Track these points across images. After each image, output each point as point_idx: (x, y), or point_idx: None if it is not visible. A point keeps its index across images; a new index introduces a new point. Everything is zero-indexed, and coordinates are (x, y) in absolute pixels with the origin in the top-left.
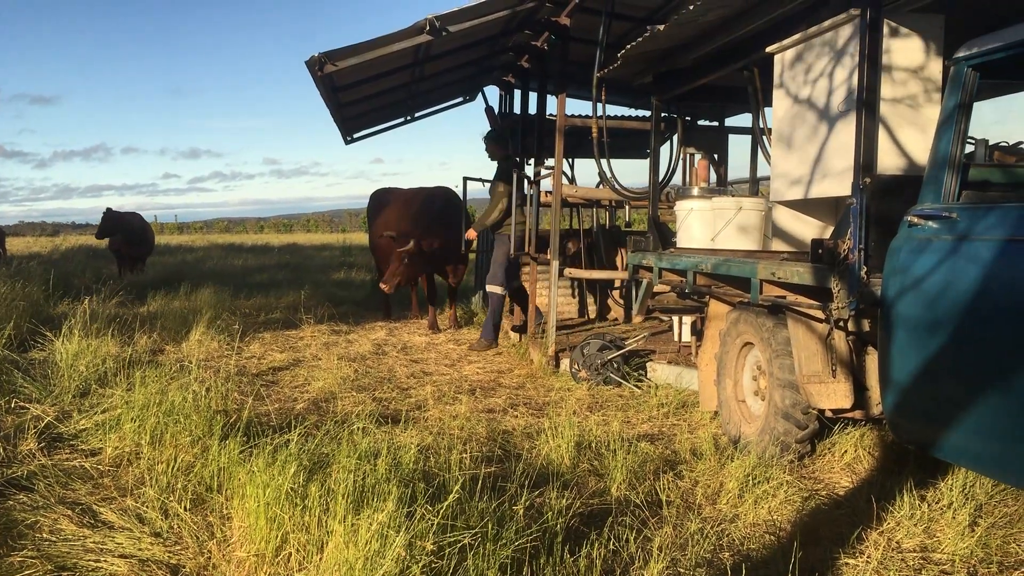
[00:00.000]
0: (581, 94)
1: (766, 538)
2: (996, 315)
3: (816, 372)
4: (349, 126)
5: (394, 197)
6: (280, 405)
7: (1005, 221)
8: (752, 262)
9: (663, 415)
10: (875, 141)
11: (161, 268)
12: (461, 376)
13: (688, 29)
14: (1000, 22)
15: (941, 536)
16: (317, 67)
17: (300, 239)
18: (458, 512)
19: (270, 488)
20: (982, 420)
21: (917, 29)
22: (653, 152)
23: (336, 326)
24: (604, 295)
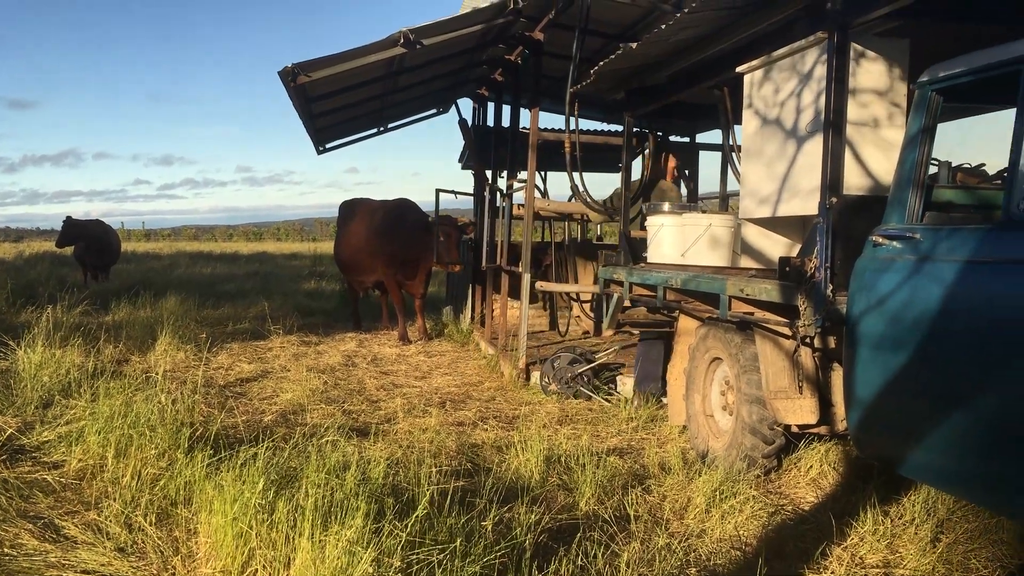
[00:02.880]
0: (555, 108)
1: (732, 553)
2: (955, 335)
3: (783, 388)
4: (322, 136)
5: (362, 209)
6: (248, 417)
7: (966, 243)
8: (721, 278)
9: (632, 429)
10: (842, 161)
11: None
12: (431, 388)
13: (660, 47)
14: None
15: (904, 552)
16: (290, 78)
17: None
18: (427, 528)
19: (237, 503)
20: (942, 437)
21: (883, 53)
22: (625, 168)
23: (306, 337)
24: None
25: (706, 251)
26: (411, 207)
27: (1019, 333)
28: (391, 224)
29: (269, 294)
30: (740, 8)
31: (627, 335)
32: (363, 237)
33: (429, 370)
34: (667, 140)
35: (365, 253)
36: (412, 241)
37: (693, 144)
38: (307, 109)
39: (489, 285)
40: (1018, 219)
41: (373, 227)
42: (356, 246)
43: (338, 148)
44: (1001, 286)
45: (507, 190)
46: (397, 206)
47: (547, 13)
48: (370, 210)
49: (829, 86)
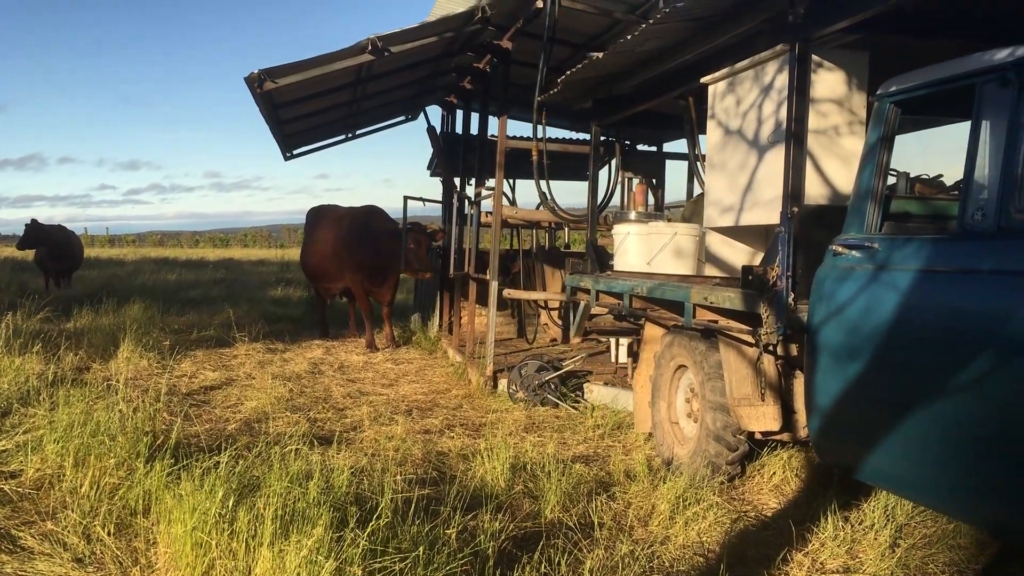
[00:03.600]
0: (523, 116)
1: (695, 560)
2: (911, 343)
3: (746, 395)
4: (289, 142)
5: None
6: (211, 426)
7: (921, 252)
8: (686, 287)
9: (599, 436)
10: (803, 172)
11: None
12: (399, 396)
13: (626, 58)
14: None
15: (863, 557)
16: (256, 84)
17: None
18: (390, 536)
19: (197, 512)
20: (898, 444)
21: (842, 65)
22: (592, 176)
23: (272, 344)
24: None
25: (671, 260)
26: (379, 214)
27: (970, 342)
28: (358, 231)
29: (235, 301)
30: (704, 20)
31: (595, 342)
32: (330, 244)
33: (396, 378)
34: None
35: (332, 260)
36: (380, 248)
37: (660, 153)
38: (274, 115)
39: (457, 293)
40: (972, 230)
41: (340, 234)
42: (323, 253)
43: (306, 154)
44: (954, 296)
45: (475, 198)
46: (364, 213)
47: (515, 22)
48: (337, 217)
49: (790, 97)
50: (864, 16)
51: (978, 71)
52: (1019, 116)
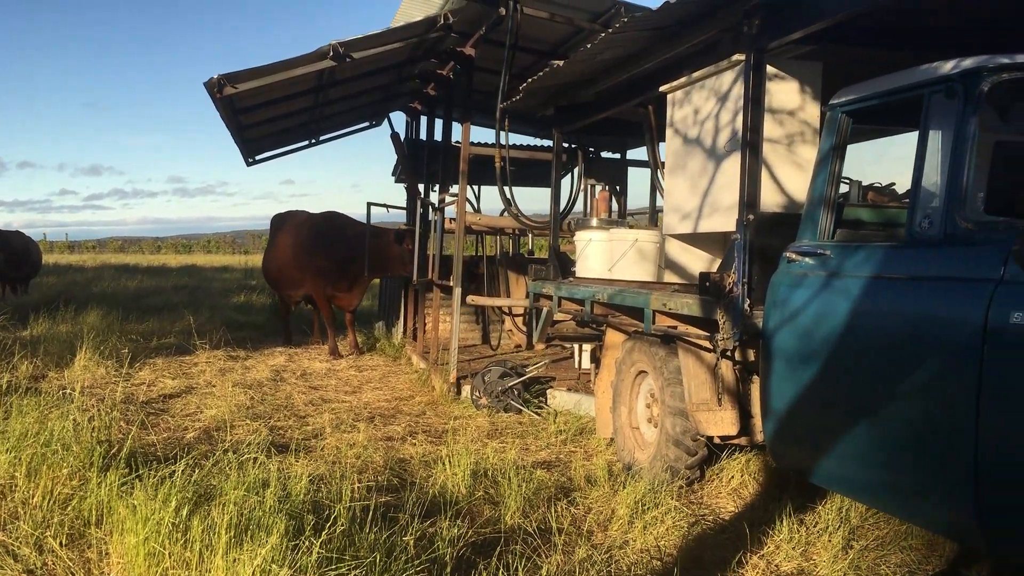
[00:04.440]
0: (487, 122)
1: (653, 563)
2: (861, 348)
3: (705, 400)
4: (251, 148)
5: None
6: (169, 434)
7: (871, 259)
8: (645, 293)
9: (561, 442)
10: (758, 179)
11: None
12: (361, 403)
13: (586, 66)
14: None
15: (817, 559)
16: (216, 89)
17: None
18: (347, 544)
19: (150, 522)
20: (849, 448)
21: (797, 75)
22: (554, 183)
23: (233, 351)
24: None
25: (632, 266)
26: (340, 219)
27: (915, 348)
28: (318, 237)
29: (197, 308)
30: (663, 30)
31: (559, 348)
32: (290, 250)
33: (359, 385)
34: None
35: (292, 267)
36: (342, 254)
37: (623, 160)
38: (235, 120)
39: (421, 299)
40: (919, 237)
41: (300, 240)
42: (283, 259)
43: (269, 160)
44: (902, 302)
45: (439, 204)
46: (325, 219)
47: (478, 29)
48: (297, 223)
49: (746, 107)
50: (816, 27)
51: (926, 82)
52: (964, 126)
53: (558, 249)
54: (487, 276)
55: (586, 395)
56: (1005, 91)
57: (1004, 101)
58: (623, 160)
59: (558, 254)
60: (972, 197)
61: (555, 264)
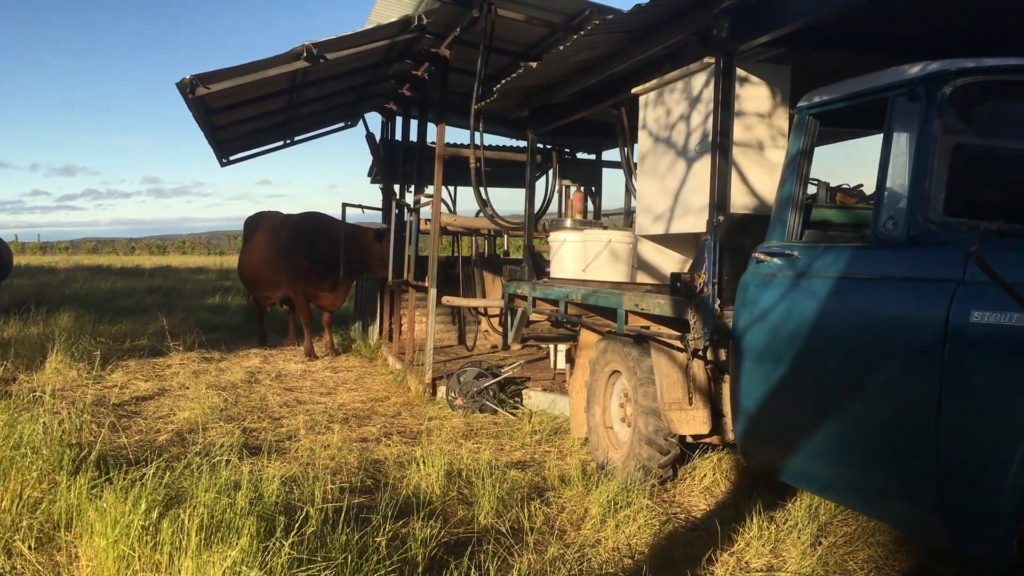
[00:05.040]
0: (464, 123)
1: (625, 562)
2: (827, 348)
3: (677, 400)
4: (225, 148)
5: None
6: (141, 437)
7: (837, 260)
8: (618, 293)
9: (536, 442)
10: (728, 181)
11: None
12: (336, 404)
13: (560, 68)
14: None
15: (786, 555)
16: (188, 89)
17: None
18: (319, 545)
19: (119, 525)
20: (817, 446)
21: (766, 78)
22: (528, 184)
23: (207, 353)
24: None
25: (606, 266)
26: (320, 220)
27: (879, 348)
28: (296, 238)
29: (171, 309)
30: (633, 33)
31: (535, 349)
32: (266, 251)
33: (335, 386)
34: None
35: (269, 268)
36: (321, 255)
37: (598, 161)
38: (207, 121)
39: (397, 299)
40: (884, 238)
41: (281, 241)
42: (259, 261)
43: (243, 160)
44: (867, 302)
45: (414, 205)
46: (304, 219)
47: (452, 30)
48: (274, 224)
49: (716, 109)
50: (784, 31)
51: (890, 85)
52: (927, 129)
53: (532, 250)
54: (463, 277)
55: (561, 395)
56: (968, 94)
57: (967, 104)
58: (598, 161)
59: (532, 255)
60: (935, 199)
61: (530, 265)
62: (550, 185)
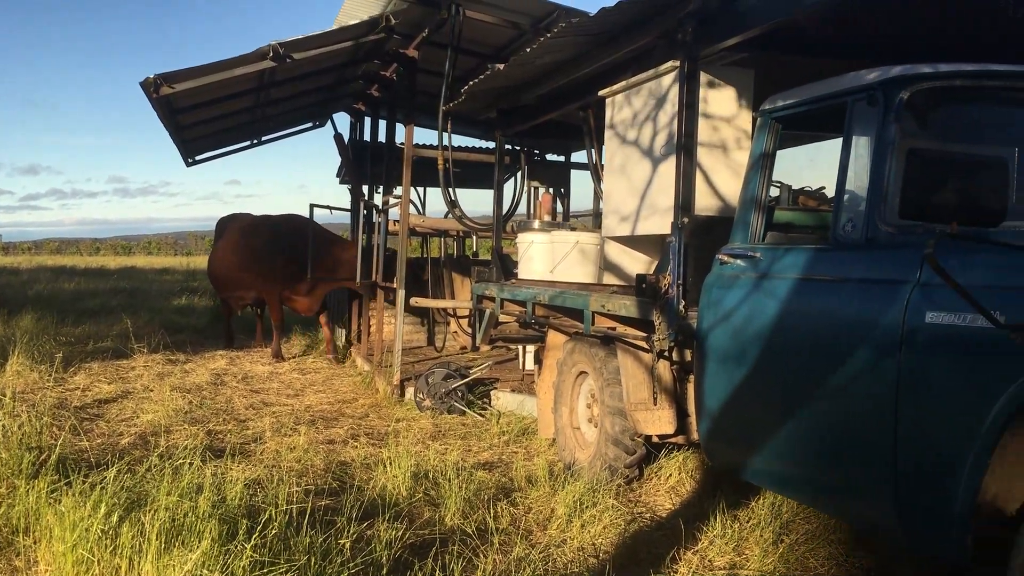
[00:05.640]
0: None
1: (589, 561)
2: (788, 348)
3: (643, 400)
4: (190, 148)
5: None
6: (104, 440)
7: (798, 261)
8: (585, 294)
9: (504, 443)
10: (693, 183)
11: None
12: (304, 406)
13: (527, 70)
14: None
15: (749, 553)
16: (152, 89)
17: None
18: (282, 548)
19: (78, 529)
20: (778, 445)
21: (730, 82)
22: (497, 185)
23: (172, 355)
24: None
25: (574, 268)
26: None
27: (838, 348)
28: (279, 240)
29: (135, 311)
30: (600, 36)
31: (504, 350)
32: (246, 253)
33: (302, 388)
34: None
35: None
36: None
37: (566, 163)
38: (172, 121)
39: (365, 301)
40: (843, 240)
41: (258, 243)
42: (235, 262)
43: (210, 160)
44: (826, 303)
45: (383, 206)
46: (286, 221)
47: (420, 31)
48: (253, 225)
49: (680, 112)
50: (748, 35)
51: (849, 90)
52: (885, 133)
53: (501, 251)
54: (432, 278)
55: (529, 396)
56: (924, 99)
57: (923, 109)
58: (567, 163)
59: (501, 256)
60: (892, 202)
61: (498, 266)
62: (518, 186)
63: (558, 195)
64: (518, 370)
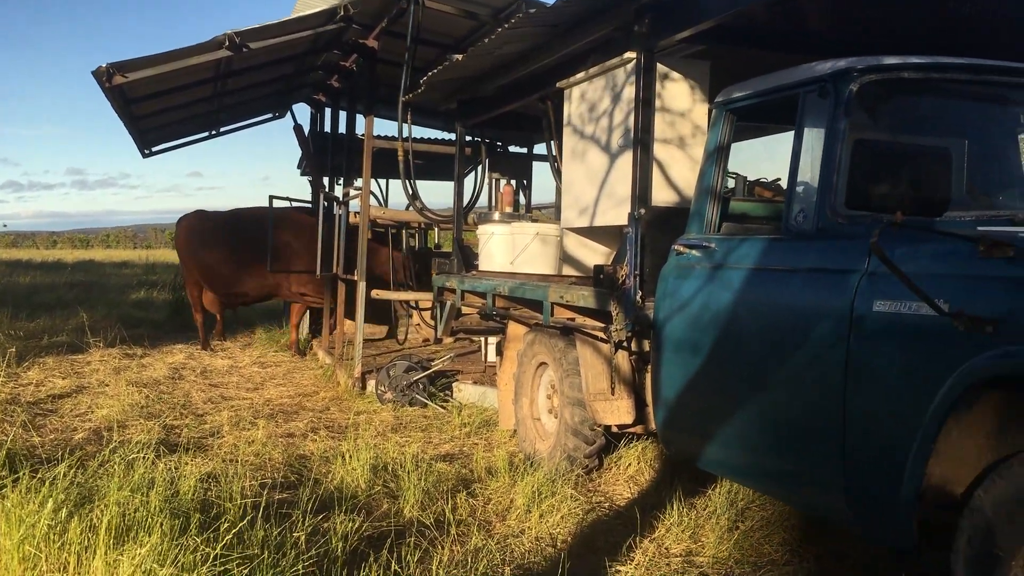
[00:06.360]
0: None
1: (547, 551)
2: (741, 337)
3: (602, 390)
4: (147, 139)
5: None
6: (57, 435)
7: (751, 252)
8: (544, 286)
9: (465, 435)
10: (650, 175)
11: None
12: (263, 400)
13: (486, 60)
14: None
15: (705, 540)
16: (105, 78)
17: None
18: (236, 542)
19: (25, 525)
20: (731, 433)
21: (686, 74)
22: (457, 177)
23: (129, 349)
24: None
25: (534, 259)
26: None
27: (788, 337)
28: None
29: (92, 305)
30: (558, 27)
31: (467, 342)
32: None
33: (262, 381)
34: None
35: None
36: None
37: (527, 155)
38: (127, 111)
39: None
40: (795, 231)
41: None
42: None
43: (167, 151)
44: (778, 293)
45: (343, 198)
46: (306, 215)
47: (380, 21)
48: (286, 218)
49: (637, 104)
50: (702, 27)
51: (801, 82)
52: (835, 124)
53: (461, 242)
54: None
55: (492, 388)
56: (874, 91)
57: (873, 100)
58: (529, 154)
59: (462, 248)
60: (842, 192)
61: (459, 258)
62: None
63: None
64: (481, 362)
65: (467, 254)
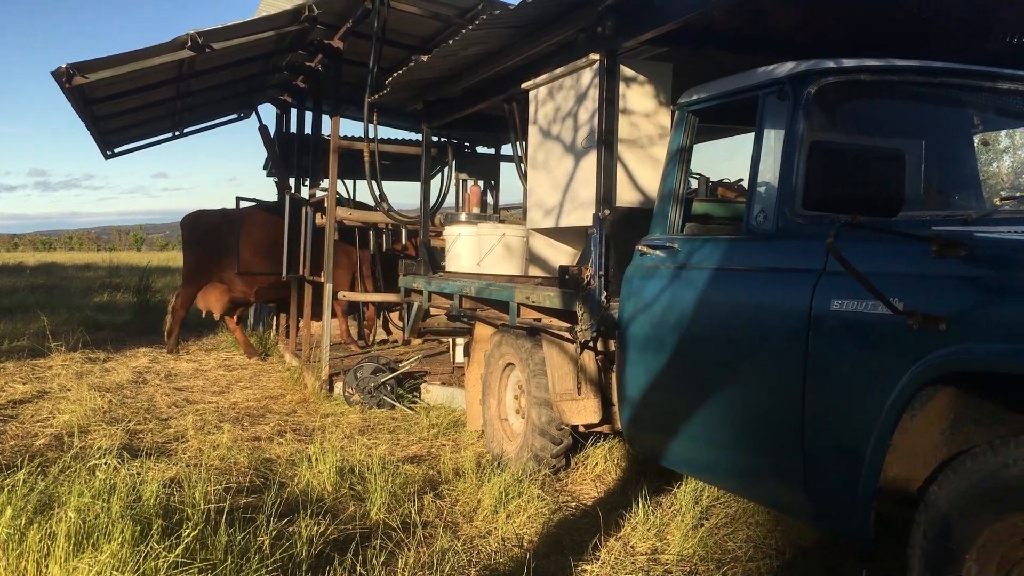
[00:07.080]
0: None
1: (513, 551)
2: (704, 337)
3: (568, 390)
4: (109, 140)
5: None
6: (17, 442)
7: (714, 252)
8: (510, 287)
9: (433, 436)
10: (614, 176)
11: None
12: (229, 403)
13: (451, 61)
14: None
15: (670, 538)
16: (64, 78)
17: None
18: (199, 547)
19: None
20: (695, 431)
21: (650, 76)
22: (424, 178)
23: (92, 353)
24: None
25: (500, 260)
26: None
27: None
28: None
29: (54, 308)
30: (523, 28)
31: (436, 343)
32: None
33: (228, 384)
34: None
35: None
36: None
37: (494, 156)
38: (88, 112)
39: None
40: (755, 231)
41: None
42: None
43: (130, 152)
44: (739, 292)
45: (309, 199)
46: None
47: (345, 22)
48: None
49: (600, 105)
50: (664, 29)
51: (760, 84)
52: (794, 126)
53: (428, 243)
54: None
55: (460, 389)
56: (832, 93)
57: (831, 102)
58: (496, 155)
59: (428, 249)
60: (801, 193)
61: (425, 259)
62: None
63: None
64: (449, 363)
65: (434, 255)
